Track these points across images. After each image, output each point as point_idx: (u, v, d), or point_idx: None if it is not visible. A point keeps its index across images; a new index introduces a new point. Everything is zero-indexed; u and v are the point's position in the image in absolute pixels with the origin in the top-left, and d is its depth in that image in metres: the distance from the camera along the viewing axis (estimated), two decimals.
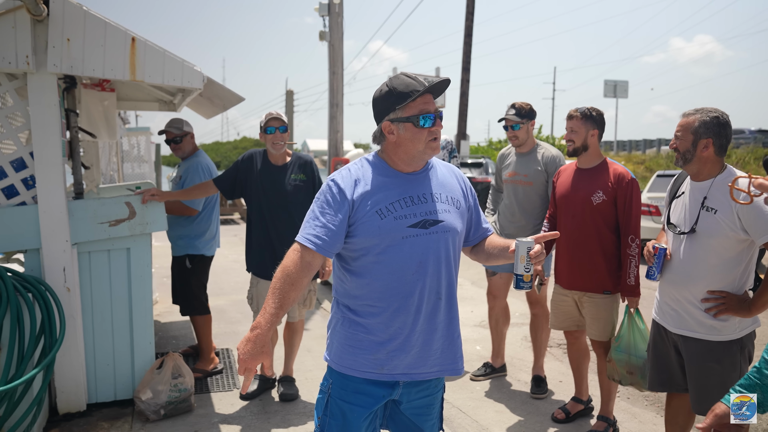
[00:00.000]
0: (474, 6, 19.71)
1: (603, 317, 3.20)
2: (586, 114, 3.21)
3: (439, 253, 1.82)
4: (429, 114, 1.79)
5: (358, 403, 1.84)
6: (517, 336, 4.90)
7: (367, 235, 1.78)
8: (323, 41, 8.17)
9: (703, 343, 2.43)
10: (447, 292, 1.86)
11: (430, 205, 1.84)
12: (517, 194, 3.89)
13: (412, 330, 1.81)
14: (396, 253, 1.78)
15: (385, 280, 1.80)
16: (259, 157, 3.71)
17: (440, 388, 2.00)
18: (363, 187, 1.81)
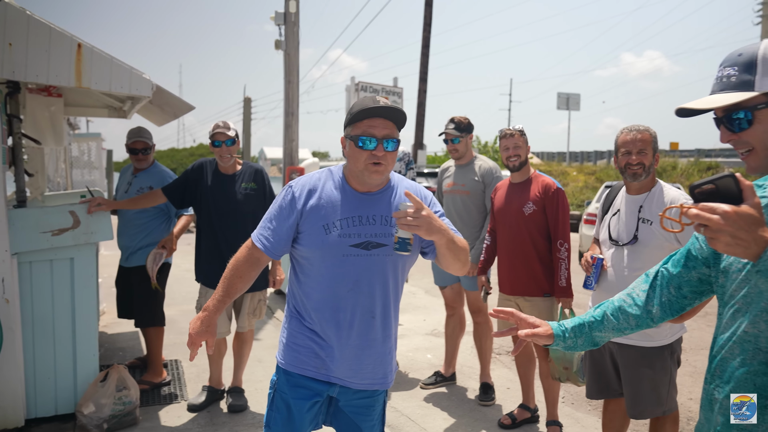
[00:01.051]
0: (431, 18, 20.01)
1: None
2: (522, 131, 3.42)
3: (378, 275, 1.87)
4: (371, 137, 1.81)
5: (300, 396, 1.94)
6: (468, 344, 4.98)
7: (311, 247, 1.87)
8: (279, 50, 8.18)
9: (637, 349, 2.55)
10: (382, 312, 1.91)
11: (377, 227, 1.87)
12: (455, 204, 4.00)
13: (345, 344, 1.89)
14: (334, 269, 1.85)
15: (322, 292, 1.88)
16: (209, 166, 3.70)
17: (381, 392, 2.05)
18: (316, 199, 1.88)
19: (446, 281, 4.18)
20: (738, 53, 1.26)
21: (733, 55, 1.27)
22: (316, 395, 1.96)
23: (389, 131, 1.84)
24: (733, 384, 1.27)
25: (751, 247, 1.09)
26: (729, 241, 1.10)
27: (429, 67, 20.43)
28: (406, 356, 4.90)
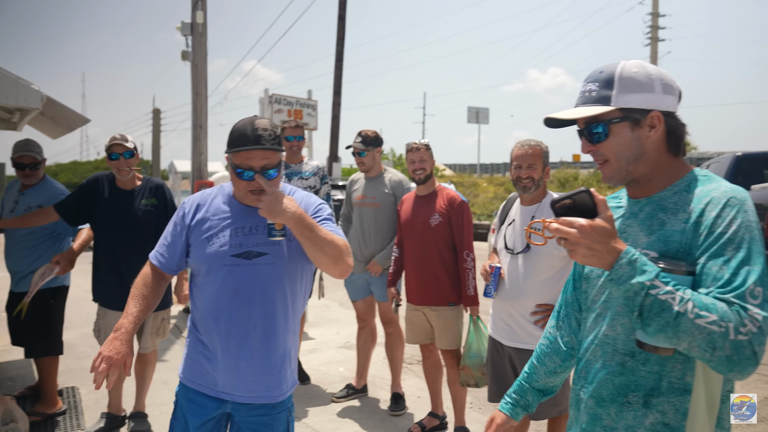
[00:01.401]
0: (344, 32, 20.17)
1: (450, 327, 3.44)
2: (428, 146, 3.53)
3: (259, 284, 1.90)
4: (248, 170, 1.84)
5: (193, 413, 1.98)
6: (380, 355, 5.02)
7: (197, 259, 1.95)
8: (186, 61, 7.96)
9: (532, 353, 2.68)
10: (264, 323, 1.91)
11: (259, 237, 1.91)
12: (366, 216, 4.05)
13: (226, 354, 1.92)
14: (216, 279, 1.91)
15: (206, 302, 1.94)
16: (105, 180, 3.52)
17: (282, 410, 2.01)
18: (203, 213, 1.97)
19: (358, 295, 4.22)
20: (600, 71, 1.36)
21: (595, 72, 1.37)
22: (207, 413, 1.98)
23: (268, 161, 1.85)
24: (595, 384, 1.37)
25: (605, 258, 1.18)
26: (585, 252, 1.19)
27: (343, 80, 20.56)
28: (318, 370, 4.88)
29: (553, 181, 24.93)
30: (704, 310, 1.12)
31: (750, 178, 7.31)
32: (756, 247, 1.17)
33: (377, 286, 4.05)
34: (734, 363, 1.10)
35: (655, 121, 1.32)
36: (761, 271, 1.15)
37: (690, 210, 1.26)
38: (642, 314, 1.16)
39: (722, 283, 1.15)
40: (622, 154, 1.33)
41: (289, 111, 23.06)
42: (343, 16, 20.05)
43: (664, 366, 1.26)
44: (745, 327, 1.10)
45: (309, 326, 6.33)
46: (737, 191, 1.24)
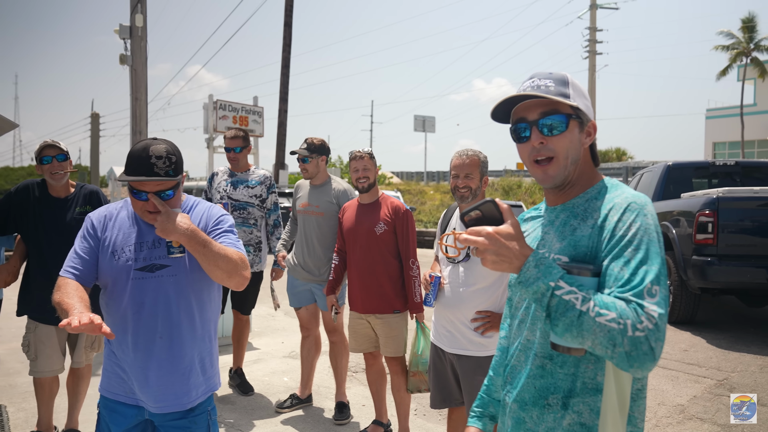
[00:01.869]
0: (291, 38, 20.07)
1: (395, 335, 3.46)
2: (371, 154, 3.55)
3: (163, 296, 1.97)
4: (140, 193, 1.91)
5: (115, 422, 2.05)
6: (325, 364, 5.00)
7: (103, 272, 1.99)
8: (125, 65, 7.72)
9: (474, 359, 2.73)
10: (168, 333, 1.98)
11: (162, 250, 1.98)
12: (309, 224, 4.04)
13: (133, 364, 1.98)
14: (122, 292, 1.96)
15: (113, 315, 1.99)
16: (36, 188, 3.36)
17: (200, 413, 2.08)
18: (110, 228, 2.03)
19: (301, 302, 4.18)
20: (548, 72, 1.39)
21: (543, 73, 1.39)
22: (128, 420, 2.04)
23: (162, 186, 1.92)
24: (518, 389, 1.41)
25: (513, 262, 1.24)
26: (494, 258, 1.24)
27: (290, 87, 20.44)
28: (262, 381, 4.80)
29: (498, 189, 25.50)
30: (604, 308, 1.17)
31: (680, 187, 7.68)
32: (654, 248, 1.23)
33: (320, 295, 4.04)
34: (633, 359, 1.15)
35: (591, 130, 1.40)
36: (658, 270, 1.21)
37: (596, 216, 1.33)
38: (549, 315, 1.21)
39: (622, 282, 1.21)
40: (570, 152, 1.37)
41: (234, 117, 22.71)
42: (290, 22, 19.95)
43: (579, 367, 1.31)
44: (641, 324, 1.15)
45: (253, 336, 6.23)
46: (638, 197, 1.31)
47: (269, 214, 4.51)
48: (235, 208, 4.35)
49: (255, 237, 4.43)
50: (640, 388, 1.34)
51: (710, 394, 4.51)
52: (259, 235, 4.44)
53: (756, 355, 5.56)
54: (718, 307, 7.90)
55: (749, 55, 31.13)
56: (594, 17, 29.82)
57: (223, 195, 4.40)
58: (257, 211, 4.42)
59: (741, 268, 6.07)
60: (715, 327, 6.70)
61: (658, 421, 4.00)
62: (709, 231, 6.12)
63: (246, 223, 4.39)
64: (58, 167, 3.28)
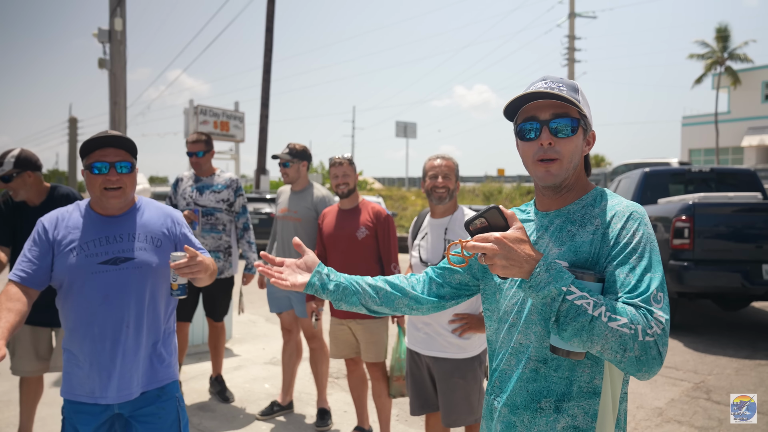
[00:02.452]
0: (272, 44, 20.01)
1: (376, 340, 3.45)
2: (351, 160, 3.56)
3: (128, 287, 2.06)
4: (99, 163, 2.04)
5: (83, 422, 2.08)
6: (306, 370, 4.97)
7: (62, 270, 2.03)
8: (103, 69, 7.63)
9: (451, 362, 2.75)
10: (135, 322, 2.09)
11: (124, 244, 2.09)
12: (287, 230, 4.02)
13: (98, 356, 2.04)
14: (85, 287, 2.03)
15: (76, 311, 2.05)
16: (10, 197, 3.31)
17: (167, 399, 2.18)
18: (63, 228, 2.08)
19: (281, 307, 4.16)
20: (560, 77, 1.41)
21: (554, 77, 1.41)
22: (97, 417, 2.08)
23: (120, 157, 2.07)
24: (509, 393, 1.42)
25: (523, 266, 1.24)
26: (504, 263, 1.23)
27: (272, 92, 20.38)
28: (243, 388, 4.76)
29: (479, 195, 25.64)
30: (616, 313, 1.19)
31: (656, 192, 7.80)
32: (656, 257, 1.28)
33: (297, 302, 4.02)
34: (642, 363, 1.18)
35: (591, 139, 1.44)
36: (661, 278, 1.26)
37: (597, 223, 1.35)
38: (559, 319, 1.22)
39: (629, 288, 1.24)
40: (573, 156, 1.39)
41: (215, 122, 22.61)
42: (271, 27, 19.90)
43: (575, 371, 1.33)
44: (651, 329, 1.19)
45: (234, 342, 6.18)
46: (637, 207, 1.35)
47: (238, 218, 4.41)
48: (202, 214, 4.25)
49: (224, 242, 4.34)
50: (626, 391, 1.38)
51: (688, 396, 4.57)
52: (228, 240, 4.36)
53: (732, 357, 5.65)
54: (695, 311, 8.02)
55: (723, 63, 31.81)
56: (573, 26, 30.21)
57: (189, 201, 4.29)
58: (225, 215, 4.33)
59: (717, 273, 6.18)
60: (692, 330, 6.81)
61: (637, 424, 4.05)
62: (685, 236, 6.23)
63: (215, 228, 4.29)
64: (7, 187, 3.21)
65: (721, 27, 31.86)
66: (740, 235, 6.23)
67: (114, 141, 2.07)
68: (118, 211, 2.13)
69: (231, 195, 4.35)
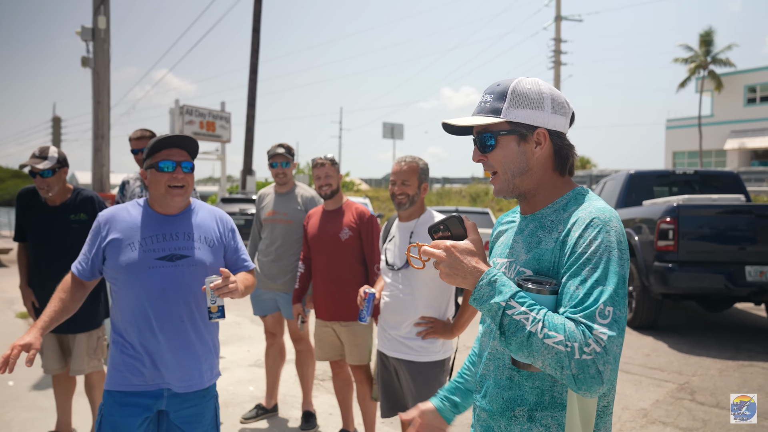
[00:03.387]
0: (259, 44, 19.91)
1: (360, 342, 3.41)
2: (333, 161, 3.52)
3: (184, 283, 2.14)
4: (168, 162, 2.14)
5: (129, 414, 2.11)
6: (291, 373, 4.93)
7: (119, 264, 2.11)
8: (87, 68, 7.52)
9: (415, 365, 2.72)
10: (191, 317, 2.17)
11: (180, 242, 2.17)
12: (276, 233, 3.97)
13: (157, 348, 2.12)
14: (142, 281, 2.11)
15: (133, 304, 2.12)
16: (33, 195, 3.36)
17: (210, 398, 2.26)
18: (120, 223, 2.17)
19: (266, 310, 4.12)
20: (497, 83, 1.39)
21: (494, 85, 1.40)
22: (145, 410, 2.14)
23: (185, 157, 2.18)
24: (488, 398, 1.40)
25: (467, 278, 1.24)
26: (448, 272, 1.26)
27: (259, 92, 20.26)
28: (227, 390, 4.70)
29: (465, 196, 25.72)
30: (553, 330, 1.15)
31: (642, 194, 7.85)
32: (613, 267, 1.20)
33: (284, 304, 3.98)
34: (581, 381, 1.13)
35: (540, 138, 1.35)
36: (614, 291, 1.19)
37: (561, 229, 1.31)
38: (503, 333, 1.20)
39: (576, 302, 1.19)
40: (508, 166, 1.36)
41: (201, 122, 22.40)
42: (258, 28, 19.79)
43: (545, 381, 1.30)
44: (588, 347, 1.13)
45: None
46: (603, 211, 1.27)
47: None
48: None
49: None
50: (606, 404, 1.32)
51: (672, 398, 4.59)
52: None
53: (715, 359, 5.69)
54: (679, 312, 8.08)
55: (706, 67, 32.19)
56: (559, 29, 30.41)
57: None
58: None
59: (701, 274, 6.23)
60: (676, 332, 6.85)
61: (622, 425, 4.05)
62: (670, 238, 6.27)
63: None
64: (43, 183, 3.23)
65: (704, 31, 32.25)
66: (724, 236, 6.29)
67: (180, 141, 2.17)
68: (177, 210, 2.23)
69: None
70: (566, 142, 1.39)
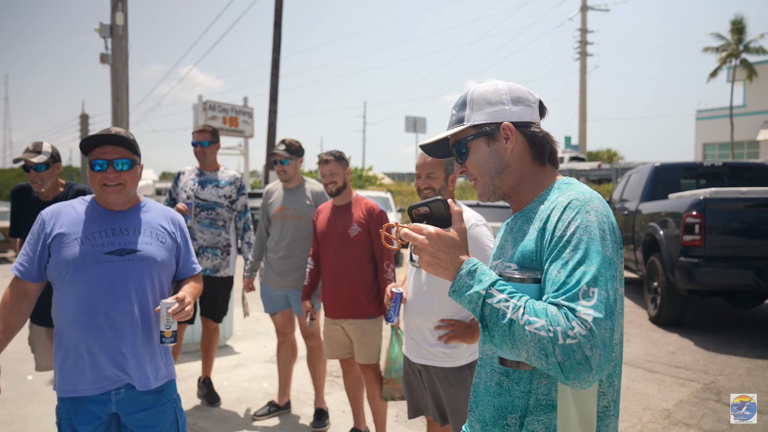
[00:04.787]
0: (280, 39, 19.93)
1: (369, 341, 3.33)
2: (339, 156, 3.43)
3: (134, 278, 2.08)
4: (99, 160, 2.08)
5: (82, 422, 2.06)
6: (305, 369, 4.89)
7: (64, 261, 2.04)
8: (105, 64, 7.57)
9: (440, 370, 2.56)
10: (141, 312, 2.10)
11: (130, 237, 2.12)
12: (286, 229, 3.91)
13: (103, 345, 2.04)
14: (89, 276, 2.04)
15: (78, 301, 2.04)
16: (27, 191, 3.40)
17: (165, 401, 2.17)
18: (66, 219, 2.11)
19: (276, 308, 4.07)
20: (460, 97, 1.40)
21: (458, 99, 1.40)
22: (96, 418, 2.07)
23: (119, 154, 2.10)
24: (480, 407, 1.32)
25: (448, 268, 1.19)
26: (429, 260, 1.20)
27: (282, 88, 20.30)
28: (241, 387, 4.69)
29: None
30: (534, 315, 1.09)
31: (668, 188, 7.63)
32: (594, 247, 1.14)
33: (295, 300, 3.93)
34: (567, 369, 1.05)
35: (507, 132, 1.33)
36: (597, 271, 1.11)
37: (541, 218, 1.26)
38: (486, 325, 1.14)
39: (557, 286, 1.12)
40: (484, 169, 1.35)
41: (224, 118, 22.56)
42: (279, 23, 19.81)
43: (532, 382, 1.23)
44: (573, 330, 1.05)
45: (235, 340, 6.12)
46: (582, 193, 1.23)
47: (239, 217, 4.30)
48: (202, 208, 4.12)
49: (223, 239, 4.21)
50: (607, 405, 1.23)
51: (697, 398, 4.43)
52: (227, 237, 4.24)
53: (743, 357, 5.50)
54: (706, 309, 7.85)
55: (738, 56, 31.27)
56: (585, 19, 29.88)
57: (190, 194, 4.15)
58: (226, 212, 4.20)
59: (728, 270, 6.02)
60: (702, 329, 6.65)
61: (644, 426, 3.92)
62: (696, 232, 6.07)
63: (214, 224, 4.15)
64: (36, 178, 3.24)
65: (736, 19, 31.29)
66: (753, 231, 6.06)
67: (112, 139, 2.08)
68: (122, 206, 2.18)
69: (233, 192, 4.23)
70: (537, 131, 1.35)
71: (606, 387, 1.22)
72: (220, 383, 4.70)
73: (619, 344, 1.24)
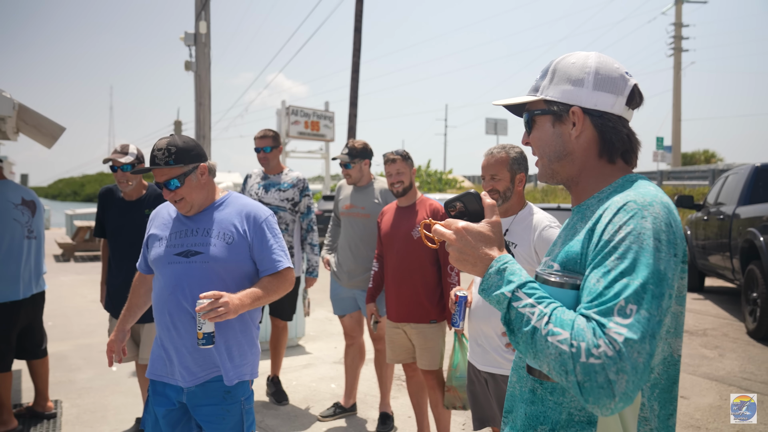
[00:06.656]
0: (360, 43, 20.17)
1: (431, 346, 3.23)
2: (405, 155, 3.35)
3: (196, 279, 2.14)
4: (158, 184, 2.20)
5: (158, 403, 2.22)
6: (373, 372, 4.84)
7: (151, 258, 2.24)
8: (189, 71, 7.92)
9: (507, 378, 2.44)
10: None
11: (198, 238, 2.19)
12: (355, 227, 3.89)
13: (170, 341, 2.16)
14: (161, 276, 2.19)
15: (155, 298, 2.22)
16: (114, 192, 3.59)
17: (233, 401, 2.19)
18: (158, 220, 2.31)
19: (345, 310, 4.06)
20: (549, 61, 1.26)
21: (546, 64, 1.27)
22: (169, 403, 2.20)
23: (165, 176, 2.16)
24: (513, 413, 1.22)
25: (477, 264, 1.10)
26: (457, 256, 1.12)
27: (363, 92, 20.61)
28: (309, 387, 4.72)
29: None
30: (559, 326, 0.95)
31: None
32: (644, 258, 0.98)
33: (363, 301, 3.89)
34: (587, 392, 0.92)
35: (575, 118, 1.17)
36: (641, 285, 0.96)
37: (593, 218, 1.11)
38: (511, 331, 1.03)
39: (593, 296, 0.98)
40: (544, 150, 1.23)
41: (306, 122, 23.15)
42: (359, 27, 20.05)
43: (565, 395, 1.10)
44: (598, 348, 0.91)
45: (307, 340, 6.19)
46: (643, 195, 1.07)
47: (303, 218, 4.32)
48: None
49: (286, 242, 4.24)
50: (647, 416, 1.08)
51: None
52: (290, 240, 4.26)
53: None
54: None
55: None
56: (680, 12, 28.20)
57: (255, 198, 4.24)
58: (289, 215, 4.23)
59: None
60: None
61: None
62: None
63: None
64: (123, 177, 3.41)
65: None
66: None
67: (155, 164, 2.16)
68: (198, 209, 2.25)
69: (296, 194, 4.27)
70: (610, 124, 1.17)
71: (648, 412, 1.07)
72: (288, 382, 4.75)
73: (674, 365, 1.10)
